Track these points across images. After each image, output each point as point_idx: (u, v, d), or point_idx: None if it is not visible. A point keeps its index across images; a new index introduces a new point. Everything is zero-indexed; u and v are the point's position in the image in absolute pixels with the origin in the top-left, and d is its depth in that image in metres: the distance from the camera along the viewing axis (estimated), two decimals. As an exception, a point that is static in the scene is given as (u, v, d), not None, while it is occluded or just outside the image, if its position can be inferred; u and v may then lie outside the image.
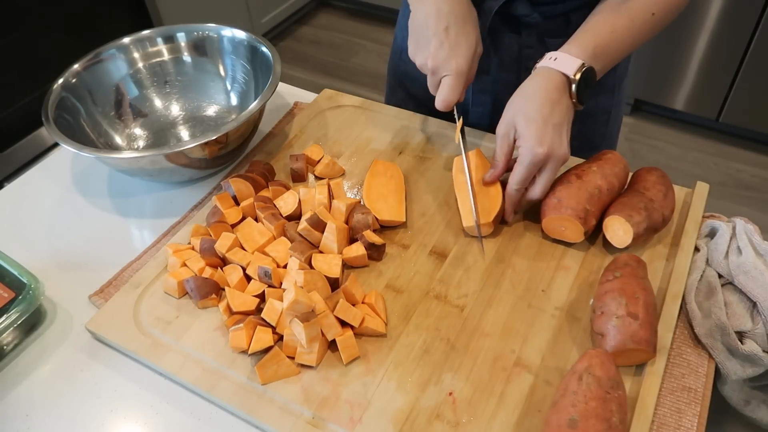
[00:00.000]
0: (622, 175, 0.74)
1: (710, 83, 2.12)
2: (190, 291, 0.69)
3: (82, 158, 0.93)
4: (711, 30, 2.01)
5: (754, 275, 0.65)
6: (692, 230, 0.72)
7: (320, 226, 0.72)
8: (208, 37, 0.96)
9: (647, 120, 2.38)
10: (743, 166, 2.19)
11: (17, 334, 0.69)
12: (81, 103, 0.89)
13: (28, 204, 0.87)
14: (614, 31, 0.73)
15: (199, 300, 0.68)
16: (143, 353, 0.65)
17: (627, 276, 0.63)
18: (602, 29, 0.74)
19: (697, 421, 0.59)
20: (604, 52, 0.73)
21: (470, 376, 0.62)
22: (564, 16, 0.83)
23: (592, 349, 0.58)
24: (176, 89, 0.98)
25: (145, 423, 0.62)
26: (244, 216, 0.77)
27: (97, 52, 0.93)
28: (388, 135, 0.90)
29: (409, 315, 0.67)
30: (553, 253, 0.73)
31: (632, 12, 0.74)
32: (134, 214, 0.84)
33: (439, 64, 0.73)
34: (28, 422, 0.62)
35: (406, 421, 0.59)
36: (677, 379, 0.62)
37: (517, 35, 0.85)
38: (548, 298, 0.68)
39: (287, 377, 0.63)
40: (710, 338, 0.64)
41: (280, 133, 0.92)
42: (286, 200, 0.77)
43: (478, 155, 0.79)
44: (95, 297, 0.72)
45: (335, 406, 0.60)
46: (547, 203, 0.72)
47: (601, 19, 0.74)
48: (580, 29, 0.75)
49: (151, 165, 0.79)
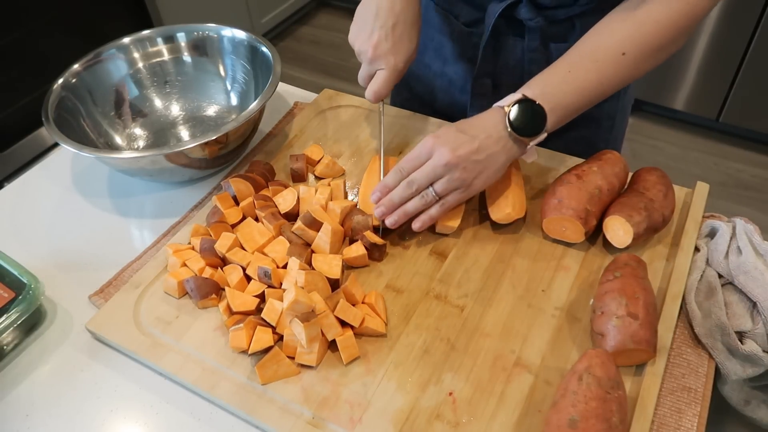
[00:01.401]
0: (622, 175, 0.74)
1: (710, 83, 2.12)
2: (190, 291, 0.69)
3: (82, 158, 0.93)
4: (711, 30, 2.01)
5: (754, 275, 0.65)
6: (692, 230, 0.72)
7: (315, 225, 0.72)
8: (208, 37, 0.96)
9: (647, 120, 2.38)
10: (743, 166, 2.19)
11: (17, 334, 0.69)
12: (81, 103, 0.89)
13: (28, 204, 0.87)
14: (571, 71, 0.69)
15: (199, 300, 0.68)
16: (143, 353, 0.65)
17: (627, 276, 0.63)
18: (559, 68, 0.70)
19: (697, 422, 0.59)
20: (558, 89, 0.69)
21: (470, 376, 0.62)
22: (569, 21, 0.81)
23: (592, 349, 0.58)
24: (176, 89, 0.98)
25: (145, 423, 0.62)
26: (244, 216, 0.77)
27: (97, 52, 0.93)
28: (389, 135, 0.90)
29: (409, 315, 0.67)
30: (553, 253, 0.73)
31: (599, 52, 0.69)
32: (134, 214, 0.84)
33: (380, 55, 0.75)
34: (28, 422, 0.62)
35: (406, 421, 0.59)
36: (677, 379, 0.62)
37: (521, 39, 0.84)
38: (548, 298, 0.68)
39: (287, 377, 0.63)
40: (710, 338, 0.64)
41: (280, 133, 0.92)
42: (285, 197, 0.77)
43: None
44: (95, 297, 0.72)
45: (335, 406, 0.60)
46: (547, 203, 0.72)
47: (565, 57, 0.71)
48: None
49: (151, 165, 0.79)
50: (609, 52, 0.68)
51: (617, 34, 0.68)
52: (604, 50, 0.68)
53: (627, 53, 0.68)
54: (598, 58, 0.68)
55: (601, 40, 0.69)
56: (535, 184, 0.81)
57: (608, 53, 0.68)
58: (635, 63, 0.69)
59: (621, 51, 0.68)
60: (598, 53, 0.69)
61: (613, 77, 0.69)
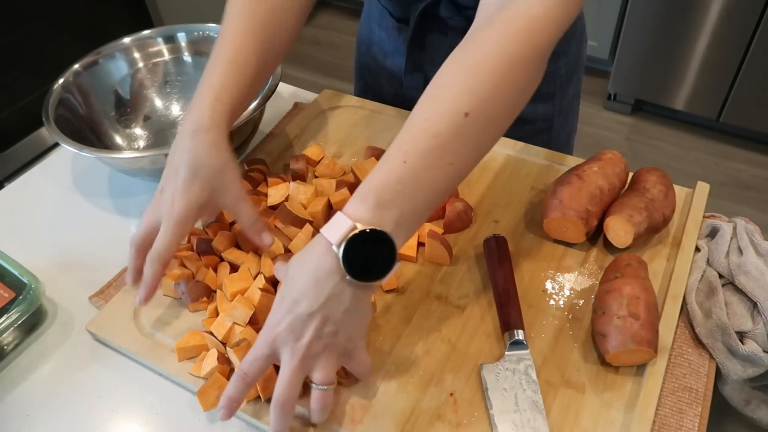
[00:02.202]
0: (622, 175, 0.74)
1: (710, 83, 2.12)
2: (182, 294, 0.69)
3: (82, 158, 0.93)
4: (711, 30, 2.01)
5: (754, 275, 0.65)
6: (693, 230, 0.72)
7: (298, 222, 0.71)
8: (208, 37, 0.96)
9: (647, 120, 2.38)
10: (743, 166, 2.19)
11: (18, 334, 0.69)
12: (81, 103, 0.89)
13: (29, 204, 0.87)
14: (408, 159, 0.51)
15: (190, 303, 0.68)
16: (144, 354, 0.65)
17: (628, 276, 0.63)
18: (392, 161, 0.52)
19: (698, 422, 0.59)
20: (399, 193, 0.51)
21: (471, 376, 0.62)
22: None
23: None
24: (176, 89, 0.98)
25: (146, 423, 0.62)
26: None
27: (97, 52, 0.93)
28: (389, 135, 0.90)
29: (410, 316, 0.67)
30: (553, 253, 0.73)
31: (434, 121, 0.51)
32: (135, 214, 0.84)
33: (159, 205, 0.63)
34: (28, 422, 0.62)
35: (408, 422, 0.59)
36: (678, 379, 0.62)
37: (445, 36, 0.85)
38: (549, 299, 0.68)
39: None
40: (711, 338, 0.64)
41: (281, 134, 0.92)
42: (278, 190, 0.76)
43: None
44: (95, 298, 0.72)
45: (336, 407, 0.60)
46: (548, 204, 0.72)
47: (397, 143, 0.52)
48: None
49: (152, 165, 0.79)
50: (447, 116, 0.51)
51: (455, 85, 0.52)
52: (439, 116, 0.51)
53: (470, 113, 0.51)
54: (438, 131, 0.51)
55: (435, 101, 0.53)
56: (536, 184, 0.81)
57: (448, 118, 0.51)
58: (484, 124, 0.52)
59: (463, 112, 0.51)
60: (433, 123, 0.51)
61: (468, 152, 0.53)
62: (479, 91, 0.51)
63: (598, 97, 2.45)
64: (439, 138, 0.51)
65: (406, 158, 0.51)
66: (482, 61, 0.52)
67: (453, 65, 0.54)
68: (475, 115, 0.51)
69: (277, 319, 0.53)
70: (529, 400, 0.59)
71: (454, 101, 0.51)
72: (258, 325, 0.64)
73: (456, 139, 0.51)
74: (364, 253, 0.51)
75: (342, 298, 0.52)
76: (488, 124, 0.53)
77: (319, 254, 0.52)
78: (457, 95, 0.51)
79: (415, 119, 0.53)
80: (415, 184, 0.51)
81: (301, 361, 0.53)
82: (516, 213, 0.77)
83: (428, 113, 0.52)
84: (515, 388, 0.60)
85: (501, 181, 0.81)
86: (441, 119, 0.51)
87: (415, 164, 0.51)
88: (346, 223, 0.51)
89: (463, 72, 0.52)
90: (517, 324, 0.63)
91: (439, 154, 0.51)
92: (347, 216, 0.51)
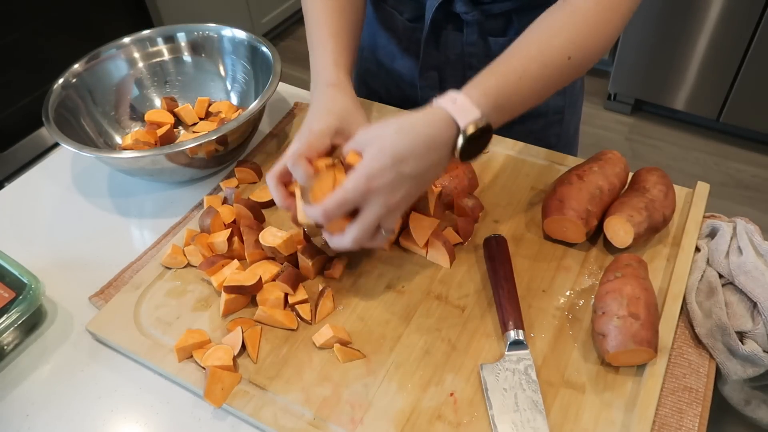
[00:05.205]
0: (622, 175, 0.74)
1: (710, 83, 2.13)
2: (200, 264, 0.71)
3: (82, 158, 0.93)
4: (711, 30, 2.01)
5: (754, 275, 0.65)
6: (693, 230, 0.72)
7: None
8: (208, 37, 0.96)
9: (647, 120, 2.38)
10: (743, 166, 2.19)
11: (18, 334, 0.69)
12: (81, 103, 0.89)
13: (28, 204, 0.87)
14: (522, 77, 0.63)
15: (206, 269, 0.70)
16: (144, 354, 0.65)
17: (628, 276, 0.63)
18: (510, 74, 0.63)
19: (698, 422, 0.59)
20: (509, 101, 0.63)
21: (471, 376, 0.62)
22: (505, 15, 0.83)
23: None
24: (176, 89, 0.98)
25: (146, 423, 0.62)
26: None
27: (97, 52, 0.93)
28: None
29: (410, 316, 0.67)
30: (553, 253, 0.73)
31: (546, 56, 0.64)
32: (134, 214, 0.84)
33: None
34: (28, 422, 0.62)
35: (408, 422, 0.59)
36: (678, 379, 0.62)
37: (460, 33, 0.86)
38: (549, 299, 0.68)
39: (234, 385, 0.62)
40: (711, 338, 0.64)
41: (281, 134, 0.92)
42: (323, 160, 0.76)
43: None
44: (95, 298, 0.72)
45: (336, 407, 0.60)
46: (548, 204, 0.72)
47: (514, 61, 0.64)
48: (486, 69, 0.64)
49: (152, 165, 0.79)
50: (557, 57, 0.64)
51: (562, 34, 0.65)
52: (551, 55, 0.64)
53: (572, 57, 0.64)
54: (548, 63, 0.64)
55: (549, 43, 0.65)
56: (536, 184, 0.81)
57: (557, 58, 0.64)
58: (576, 69, 0.66)
59: (567, 55, 0.64)
60: (547, 58, 0.64)
61: (555, 85, 0.67)
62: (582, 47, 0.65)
63: (598, 97, 2.45)
64: (546, 67, 0.64)
65: (521, 76, 0.63)
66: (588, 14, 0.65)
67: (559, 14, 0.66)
68: (575, 61, 0.65)
69: (377, 171, 0.58)
70: (529, 400, 0.59)
71: (565, 47, 0.64)
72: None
73: (557, 72, 0.65)
74: (474, 137, 0.60)
75: (439, 168, 0.62)
76: (580, 68, 0.67)
77: (439, 125, 0.60)
78: (564, 43, 0.64)
79: (529, 50, 0.65)
80: (520, 98, 0.64)
81: (386, 213, 0.60)
82: (516, 213, 0.77)
83: (540, 50, 0.64)
84: (515, 388, 0.60)
85: (501, 181, 0.81)
86: (552, 58, 0.64)
87: (526, 84, 0.63)
88: (474, 112, 0.60)
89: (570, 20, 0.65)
90: (517, 324, 0.63)
91: (543, 79, 0.65)
92: (473, 104, 0.60)
